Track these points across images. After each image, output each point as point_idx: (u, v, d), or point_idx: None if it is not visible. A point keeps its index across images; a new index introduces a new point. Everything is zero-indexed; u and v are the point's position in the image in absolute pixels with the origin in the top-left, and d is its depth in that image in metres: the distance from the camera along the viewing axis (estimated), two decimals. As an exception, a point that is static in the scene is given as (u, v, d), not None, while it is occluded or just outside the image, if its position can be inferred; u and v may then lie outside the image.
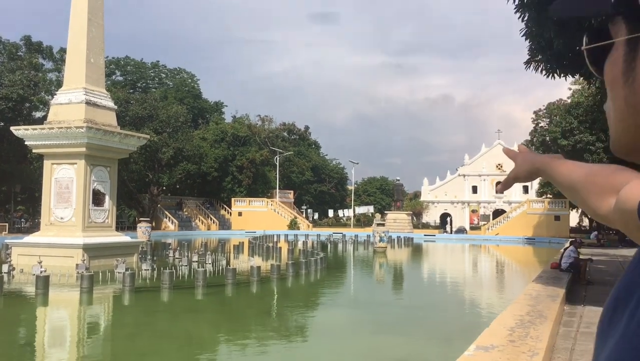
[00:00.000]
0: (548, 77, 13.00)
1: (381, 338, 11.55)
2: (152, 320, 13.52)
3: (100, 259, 21.14)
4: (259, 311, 15.34)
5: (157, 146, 53.00)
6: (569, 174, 1.18)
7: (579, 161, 1.25)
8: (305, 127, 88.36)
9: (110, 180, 23.32)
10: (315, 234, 55.21)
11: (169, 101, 64.38)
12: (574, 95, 46.49)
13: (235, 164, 66.13)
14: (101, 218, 22.76)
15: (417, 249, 44.97)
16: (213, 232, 60.01)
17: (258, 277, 19.09)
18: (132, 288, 16.51)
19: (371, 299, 17.78)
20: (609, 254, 28.82)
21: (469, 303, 18.05)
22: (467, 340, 9.10)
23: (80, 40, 22.55)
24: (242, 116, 77.47)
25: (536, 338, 6.15)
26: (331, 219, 72.53)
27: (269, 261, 26.38)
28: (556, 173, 1.22)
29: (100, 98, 23.09)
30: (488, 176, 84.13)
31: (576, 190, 1.13)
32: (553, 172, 1.23)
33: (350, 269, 29.74)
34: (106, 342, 11.52)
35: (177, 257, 25.82)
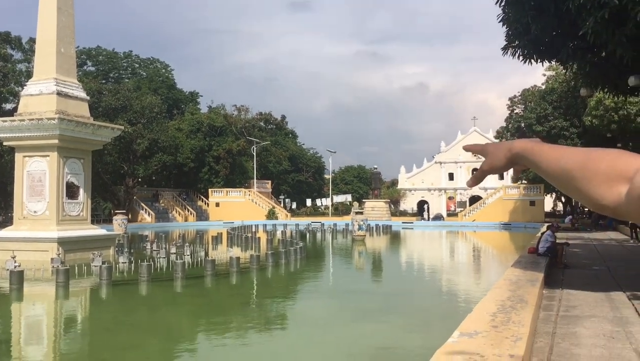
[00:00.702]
0: (525, 62, 13.06)
1: (362, 326, 11.55)
2: (131, 313, 13.35)
3: (76, 253, 20.81)
4: (239, 302, 15.25)
5: (132, 137, 52.31)
6: (557, 159, 1.06)
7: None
8: (282, 117, 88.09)
9: (84, 172, 22.92)
10: (294, 223, 55.18)
11: (143, 91, 63.47)
12: (548, 81, 47.00)
13: (212, 155, 65.63)
14: (76, 211, 22.38)
15: (395, 236, 45.21)
16: (190, 223, 59.60)
17: (237, 268, 18.97)
18: (110, 281, 16.28)
19: (351, 288, 17.79)
20: (583, 238, 29.28)
21: (448, 289, 18.19)
22: (448, 326, 9.14)
23: (50, 30, 22.03)
24: (217, 106, 76.90)
25: (518, 323, 6.16)
26: (309, 209, 72.50)
27: (248, 251, 26.26)
28: (541, 159, 1.10)
29: (72, 89, 22.62)
30: (464, 163, 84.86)
31: (570, 178, 1.03)
32: (537, 157, 1.11)
33: (330, 258, 29.77)
34: (84, 337, 11.33)
35: (154, 249, 25.54)
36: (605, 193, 0.96)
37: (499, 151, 1.20)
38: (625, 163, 0.96)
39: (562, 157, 1.06)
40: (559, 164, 1.06)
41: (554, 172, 1.07)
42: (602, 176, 0.97)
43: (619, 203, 0.94)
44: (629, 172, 0.94)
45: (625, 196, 0.93)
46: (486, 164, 1.23)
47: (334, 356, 9.28)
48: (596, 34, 9.87)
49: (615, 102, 33.87)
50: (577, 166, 1.02)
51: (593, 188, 0.98)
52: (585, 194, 1.00)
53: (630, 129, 36.30)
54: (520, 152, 1.15)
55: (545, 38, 12.32)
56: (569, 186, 1.04)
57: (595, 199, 0.99)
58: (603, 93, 21.67)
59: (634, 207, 0.91)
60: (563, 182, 1.06)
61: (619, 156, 0.98)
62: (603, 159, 0.99)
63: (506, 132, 52.81)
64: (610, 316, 8.44)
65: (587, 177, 0.99)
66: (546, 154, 1.10)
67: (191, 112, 72.76)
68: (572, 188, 1.03)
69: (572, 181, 1.02)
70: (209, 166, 66.18)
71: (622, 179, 0.94)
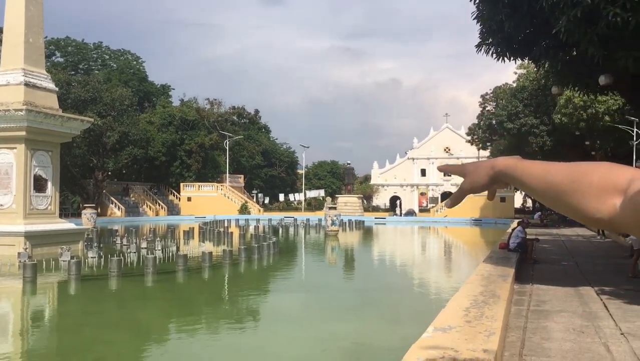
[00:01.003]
0: (498, 60, 13.18)
1: (336, 321, 11.55)
2: (100, 309, 13.12)
3: (44, 247, 20.40)
4: (211, 298, 15.13)
5: (102, 129, 51.46)
6: (543, 175, 1.04)
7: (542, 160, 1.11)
8: (255, 111, 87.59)
9: (52, 165, 22.46)
10: (267, 218, 55.00)
11: (113, 83, 62.44)
12: (520, 79, 47.60)
13: (184, 149, 64.98)
14: (43, 205, 21.93)
15: (368, 232, 45.39)
16: (162, 218, 58.95)
17: (210, 263, 18.82)
18: (78, 276, 15.99)
19: (324, 283, 17.79)
20: (552, 234, 29.81)
21: (421, 284, 18.32)
22: (421, 321, 9.19)
23: (18, 20, 21.49)
24: (190, 100, 76.12)
25: (491, 317, 6.21)
26: (282, 204, 72.35)
27: (220, 246, 26.08)
28: (525, 175, 1.08)
29: (40, 80, 22.13)
30: (436, 159, 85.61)
31: (559, 192, 1.00)
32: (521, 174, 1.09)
33: (303, 253, 29.75)
34: (52, 333, 11.10)
35: (124, 244, 25.20)
36: (599, 206, 0.95)
37: (480, 170, 1.18)
38: (617, 175, 0.94)
39: (548, 172, 1.04)
40: (545, 179, 1.04)
41: (541, 188, 1.05)
42: (595, 189, 0.95)
43: (614, 215, 0.93)
44: (623, 184, 0.92)
45: (620, 207, 0.91)
46: (467, 183, 1.21)
47: (307, 352, 9.25)
48: (569, 32, 10.00)
49: (584, 100, 34.47)
50: (567, 180, 1.00)
51: (586, 201, 0.96)
52: (577, 208, 0.98)
53: (598, 127, 37.00)
54: (504, 169, 1.13)
55: (519, 36, 12.45)
56: (559, 200, 1.02)
57: (588, 212, 0.97)
58: (573, 91, 22.03)
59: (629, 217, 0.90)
60: (551, 197, 1.04)
61: (610, 168, 0.97)
62: (594, 172, 0.97)
63: (478, 129, 53.36)
64: (580, 310, 8.58)
65: (579, 191, 0.97)
66: (530, 170, 1.08)
67: (163, 105, 71.89)
68: (562, 203, 1.01)
69: (562, 195, 1.00)
70: (181, 160, 65.52)
71: (615, 190, 0.93)
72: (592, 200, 0.95)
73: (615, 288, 10.91)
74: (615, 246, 22.37)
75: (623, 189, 0.91)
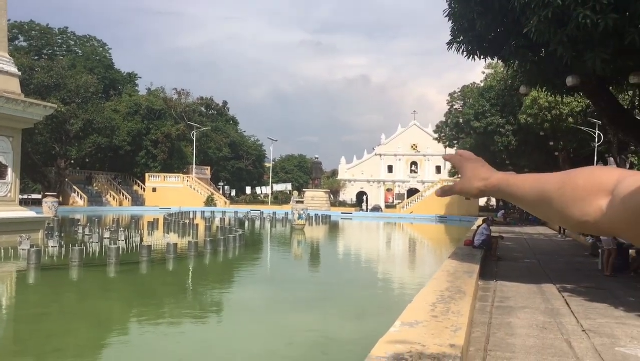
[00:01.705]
0: (469, 58, 13.27)
1: (301, 315, 11.50)
2: (60, 299, 12.80)
3: (2, 235, 19.80)
4: (174, 289, 14.91)
5: (65, 116, 50.33)
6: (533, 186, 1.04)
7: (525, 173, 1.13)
8: (224, 103, 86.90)
9: (12, 151, 21.82)
10: (233, 211, 54.65)
11: (78, 69, 61.04)
12: (487, 79, 48.23)
13: (150, 138, 64.03)
14: (2, 192, 21.30)
15: (334, 226, 45.48)
16: (125, 208, 58.02)
17: (174, 254, 18.57)
18: (38, 265, 15.59)
19: (289, 276, 17.74)
20: (514, 232, 30.32)
21: (387, 279, 18.41)
22: (386, 315, 9.21)
23: (-21, -1, 20.78)
24: (157, 89, 74.97)
25: (457, 313, 6.23)
26: (249, 196, 71.96)
27: (185, 238, 25.77)
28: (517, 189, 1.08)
29: (2, 63, 21.45)
30: (403, 156, 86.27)
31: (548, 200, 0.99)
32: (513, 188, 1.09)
33: (269, 247, 29.62)
34: (8, 323, 10.78)
35: (87, 233, 24.68)
36: (585, 208, 0.93)
37: (474, 180, 1.18)
38: (603, 176, 0.92)
39: (538, 181, 1.04)
40: (535, 189, 1.03)
41: (531, 198, 1.05)
42: (581, 192, 0.93)
43: (601, 217, 0.90)
44: (609, 185, 0.90)
45: (607, 208, 0.89)
46: (458, 186, 1.22)
47: (272, 345, 9.17)
48: (539, 32, 10.11)
49: (549, 101, 35.12)
50: (554, 186, 0.99)
51: (573, 205, 0.94)
52: (565, 214, 0.96)
53: (562, 128, 37.76)
54: (497, 185, 1.15)
55: (489, 35, 12.55)
56: (549, 209, 1.00)
57: (575, 216, 0.95)
58: (540, 92, 22.38)
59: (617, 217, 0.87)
60: (542, 207, 1.03)
61: (595, 170, 0.95)
62: (580, 176, 0.96)
63: (445, 127, 53.90)
64: (542, 307, 8.71)
65: (565, 195, 0.96)
66: (522, 183, 1.08)
67: (129, 93, 70.66)
68: (552, 211, 1.00)
69: (551, 203, 0.99)
70: (147, 150, 64.57)
71: (601, 192, 0.90)
72: (578, 203, 0.93)
73: (576, 286, 11.12)
74: (575, 244, 22.87)
75: (609, 190, 0.89)
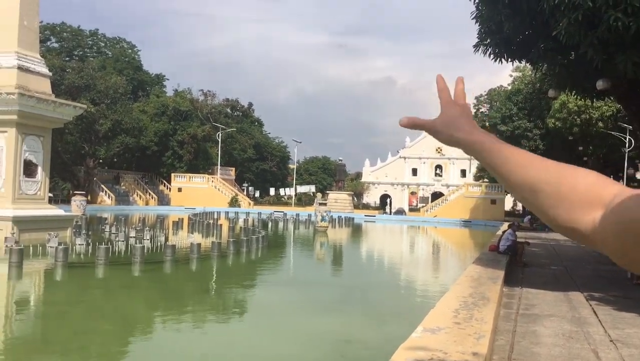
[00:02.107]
0: (496, 61, 13.11)
1: (322, 317, 11.48)
2: (86, 297, 12.99)
3: (31, 233, 20.16)
4: (197, 289, 15.02)
5: (94, 117, 51.09)
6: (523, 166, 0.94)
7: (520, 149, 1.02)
8: (249, 104, 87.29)
9: (43, 150, 22.22)
10: (256, 212, 54.88)
11: (108, 71, 61.98)
12: (515, 82, 47.66)
13: (176, 139, 64.65)
14: (33, 190, 21.70)
15: (357, 229, 45.37)
16: (151, 207, 58.67)
17: (198, 254, 18.70)
18: (65, 263, 15.83)
19: (311, 279, 17.73)
20: (541, 238, 29.87)
21: (409, 283, 18.29)
22: (408, 320, 9.14)
23: (13, 1, 21.21)
24: (184, 90, 75.64)
25: (481, 320, 6.15)
26: (272, 198, 72.18)
27: (209, 238, 25.94)
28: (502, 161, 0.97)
29: (34, 64, 21.87)
30: (428, 159, 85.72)
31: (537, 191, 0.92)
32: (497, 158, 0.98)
33: (292, 248, 29.67)
34: (36, 320, 10.96)
35: (113, 232, 25.00)
36: (580, 217, 0.87)
37: (454, 127, 1.07)
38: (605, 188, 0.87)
39: (530, 165, 0.94)
40: (523, 172, 0.94)
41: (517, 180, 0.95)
42: (579, 197, 0.87)
43: (592, 229, 0.85)
44: (607, 198, 0.85)
45: (599, 222, 0.84)
46: (432, 124, 1.11)
47: (293, 347, 9.17)
48: (569, 35, 9.95)
49: (578, 106, 34.55)
50: (551, 179, 0.91)
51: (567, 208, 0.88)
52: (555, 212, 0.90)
53: (592, 133, 37.12)
54: (478, 143, 1.02)
55: (517, 37, 12.39)
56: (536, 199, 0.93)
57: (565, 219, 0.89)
58: (569, 96, 22.03)
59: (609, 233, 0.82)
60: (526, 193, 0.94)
61: (598, 180, 0.88)
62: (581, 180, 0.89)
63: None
64: (569, 316, 8.55)
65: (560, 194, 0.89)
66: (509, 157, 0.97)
67: (156, 94, 71.46)
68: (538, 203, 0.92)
69: (540, 195, 0.91)
70: (173, 150, 65.20)
71: (599, 204, 0.85)
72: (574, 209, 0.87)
73: (604, 294, 10.90)
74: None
75: (605, 204, 0.84)
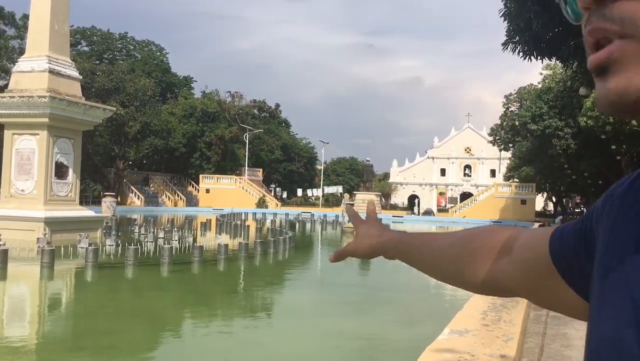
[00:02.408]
0: (525, 59, 12.89)
1: (350, 318, 11.44)
2: (116, 297, 13.17)
3: (63, 234, 20.55)
4: (225, 290, 15.12)
5: (124, 119, 51.86)
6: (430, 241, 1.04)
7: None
8: (276, 105, 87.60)
9: (73, 152, 22.65)
10: (284, 213, 55.03)
11: (137, 73, 62.87)
12: (545, 80, 46.87)
13: (204, 141, 65.24)
14: (64, 191, 22.12)
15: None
16: (180, 208, 59.31)
17: (225, 255, 18.82)
18: (95, 263, 16.09)
19: (340, 280, 17.68)
20: (572, 239, 29.33)
21: (437, 285, 18.09)
22: (436, 322, 9.04)
23: (44, 6, 21.65)
24: (211, 92, 76.27)
25: (509, 322, 6.06)
26: (300, 199, 72.35)
27: (236, 239, 26.09)
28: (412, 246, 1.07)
29: (65, 67, 22.29)
30: (457, 159, 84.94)
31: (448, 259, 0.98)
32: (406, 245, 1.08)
33: (319, 249, 29.67)
34: (67, 319, 11.16)
35: (142, 233, 25.34)
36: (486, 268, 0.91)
37: (365, 237, 1.16)
38: (499, 235, 0.92)
39: (435, 238, 1.04)
40: (432, 247, 1.02)
41: (428, 258, 1.04)
42: (490, 251, 0.91)
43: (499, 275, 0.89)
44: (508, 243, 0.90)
45: (506, 266, 0.87)
46: (351, 246, 1.20)
47: (319, 348, 9.16)
48: (600, 32, 9.70)
49: (610, 104, 33.82)
50: (454, 245, 0.98)
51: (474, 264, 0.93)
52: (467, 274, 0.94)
53: (625, 131, 36.28)
54: (387, 242, 1.12)
55: (547, 35, 12.15)
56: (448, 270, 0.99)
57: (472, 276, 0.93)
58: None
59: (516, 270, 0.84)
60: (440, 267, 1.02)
61: (513, 232, 0.92)
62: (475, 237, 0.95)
63: (500, 129, 52.72)
64: (601, 318, 8.35)
65: (462, 255, 0.95)
66: (417, 241, 1.07)
67: (185, 96, 72.23)
68: (452, 272, 0.99)
69: (451, 263, 0.97)
70: (201, 152, 65.80)
71: (508, 252, 0.88)
72: (479, 263, 0.92)
73: (637, 296, 10.63)
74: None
75: (508, 249, 0.88)
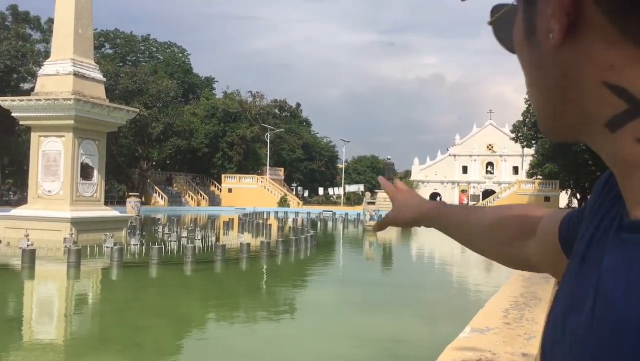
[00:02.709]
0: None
1: (371, 316, 11.49)
2: (141, 296, 13.39)
3: (88, 234, 20.92)
4: (248, 288, 15.26)
5: (147, 120, 52.48)
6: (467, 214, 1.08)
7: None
8: (297, 105, 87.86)
9: (98, 154, 23.03)
10: (305, 211, 55.17)
11: (159, 75, 63.56)
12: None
13: (226, 140, 65.69)
14: (89, 192, 22.51)
15: (406, 228, 44.99)
16: (203, 208, 59.80)
17: (247, 254, 18.97)
18: (120, 262, 16.35)
19: (361, 278, 17.73)
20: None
21: (459, 282, 18.07)
22: (457, 320, 9.05)
23: (68, 10, 22.05)
24: (233, 92, 76.82)
25: (532, 320, 6.06)
26: (321, 197, 72.48)
27: (258, 238, 26.27)
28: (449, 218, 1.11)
29: (89, 70, 22.67)
30: (478, 157, 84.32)
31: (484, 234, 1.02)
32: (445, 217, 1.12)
33: (340, 248, 29.73)
34: (94, 317, 11.37)
35: (166, 232, 25.63)
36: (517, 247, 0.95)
37: (405, 210, 1.21)
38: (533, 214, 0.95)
39: (473, 213, 1.08)
40: (469, 221, 1.06)
41: (465, 230, 1.07)
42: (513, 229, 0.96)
43: (531, 254, 0.92)
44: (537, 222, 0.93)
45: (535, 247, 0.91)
46: (391, 216, 1.25)
47: (342, 346, 9.23)
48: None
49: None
50: (490, 221, 1.01)
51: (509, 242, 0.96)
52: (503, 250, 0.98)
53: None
54: (427, 214, 1.17)
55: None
56: (484, 244, 1.03)
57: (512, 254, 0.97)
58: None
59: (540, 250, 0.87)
60: (475, 240, 1.06)
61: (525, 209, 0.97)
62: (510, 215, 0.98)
63: (523, 126, 52.24)
64: (625, 316, 8.29)
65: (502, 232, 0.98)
66: (454, 213, 1.11)
67: (206, 97, 72.81)
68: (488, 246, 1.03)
69: (486, 238, 1.01)
70: (223, 152, 66.26)
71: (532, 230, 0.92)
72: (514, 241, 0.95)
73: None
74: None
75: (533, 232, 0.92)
